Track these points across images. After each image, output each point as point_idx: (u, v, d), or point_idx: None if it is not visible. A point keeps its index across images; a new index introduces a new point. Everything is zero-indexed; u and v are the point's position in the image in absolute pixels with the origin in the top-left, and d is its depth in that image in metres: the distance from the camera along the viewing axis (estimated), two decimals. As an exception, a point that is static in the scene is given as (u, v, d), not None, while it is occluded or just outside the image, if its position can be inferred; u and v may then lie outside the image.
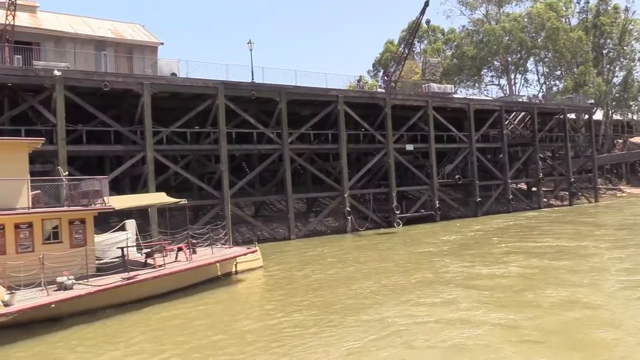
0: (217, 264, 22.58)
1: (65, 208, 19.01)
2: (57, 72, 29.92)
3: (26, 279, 16.73)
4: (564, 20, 75.13)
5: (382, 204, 46.51)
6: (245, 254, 24.07)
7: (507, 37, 73.58)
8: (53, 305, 15.73)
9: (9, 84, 29.82)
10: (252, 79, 38.64)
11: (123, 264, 20.03)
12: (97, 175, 29.03)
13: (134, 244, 24.76)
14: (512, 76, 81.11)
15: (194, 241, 23.17)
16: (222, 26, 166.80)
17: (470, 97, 63.95)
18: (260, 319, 16.77)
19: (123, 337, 15.21)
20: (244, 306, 19.18)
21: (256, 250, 24.89)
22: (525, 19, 74.96)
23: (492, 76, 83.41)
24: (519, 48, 75.27)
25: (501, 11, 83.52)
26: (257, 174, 40.68)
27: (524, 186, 62.54)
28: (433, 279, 21.27)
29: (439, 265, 24.21)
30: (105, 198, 19.59)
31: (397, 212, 43.45)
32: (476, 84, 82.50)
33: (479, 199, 49.73)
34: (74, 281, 17.01)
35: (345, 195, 41.07)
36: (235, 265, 23.99)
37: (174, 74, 35.18)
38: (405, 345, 13.14)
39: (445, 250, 28.74)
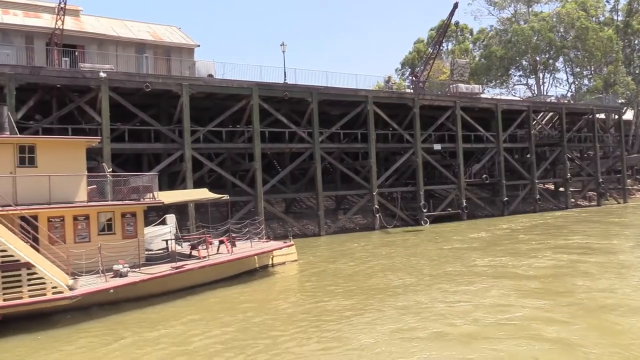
0: (256, 257, 23.86)
1: (119, 202, 20.46)
2: (102, 74, 31.58)
3: (84, 266, 18.20)
4: (593, 19, 74.56)
5: (409, 202, 47.36)
6: (281, 248, 25.30)
7: (536, 37, 73.42)
8: (112, 291, 17.17)
9: (58, 85, 31.57)
10: (285, 79, 39.91)
11: (167, 255, 21.49)
12: (135, 171, 30.80)
13: (174, 237, 26.23)
14: (541, 76, 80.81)
15: (234, 235, 24.44)
16: (256, 28, 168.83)
17: (498, 96, 64.09)
18: (300, 304, 18.01)
19: (178, 318, 16.54)
20: (283, 294, 20.42)
21: (292, 245, 26.12)
22: (554, 19, 74.67)
23: (520, 76, 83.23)
24: (547, 48, 75.05)
25: (530, 10, 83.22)
26: (288, 172, 41.89)
27: (551, 186, 62.56)
28: (464, 271, 22.24)
29: (469, 259, 25.15)
30: (155, 193, 20.99)
31: (425, 210, 44.23)
32: (504, 84, 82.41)
33: (506, 199, 50.15)
34: (128, 269, 18.43)
35: (374, 194, 42.05)
36: (272, 258, 25.26)
37: (210, 75, 36.61)
38: (445, 324, 14.32)
39: (475, 246, 29.58)
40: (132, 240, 20.26)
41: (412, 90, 50.18)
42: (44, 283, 15.91)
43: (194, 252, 21.83)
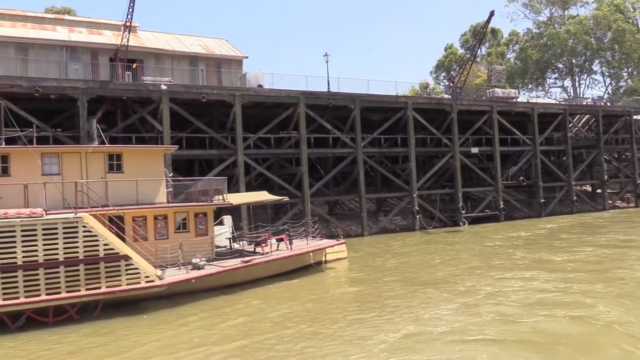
0: (311, 254, 26.01)
1: (192, 203, 22.88)
2: (163, 87, 34.31)
3: (164, 260, 20.65)
4: (630, 21, 74.56)
5: (447, 204, 48.88)
6: (333, 246, 27.40)
7: (572, 40, 73.88)
8: (193, 281, 19.55)
9: (124, 97, 34.43)
10: (328, 88, 42.06)
11: (232, 251, 23.85)
12: (187, 176, 33.29)
13: (230, 235, 28.62)
14: (577, 78, 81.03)
15: (290, 234, 26.65)
16: (298, 37, 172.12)
17: (534, 99, 64.92)
18: (358, 292, 20.13)
19: (251, 302, 18.90)
20: (341, 285, 22.67)
21: (344, 243, 28.19)
22: (591, 21, 74.96)
23: (555, 78, 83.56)
24: (583, 50, 75.36)
25: (565, 13, 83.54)
26: (328, 175, 43.96)
27: (588, 188, 62.97)
28: (509, 264, 24.11)
29: (512, 254, 26.96)
30: (225, 195, 23.36)
31: (463, 211, 45.70)
32: (540, 86, 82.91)
33: (543, 200, 51.14)
34: (205, 262, 20.80)
35: (414, 196, 43.78)
36: (325, 255, 27.38)
37: (260, 86, 39.05)
38: (499, 304, 16.39)
39: (516, 244, 31.23)
40: (204, 237, 22.66)
41: (449, 96, 51.72)
42: (138, 273, 18.38)
43: (258, 249, 24.08)
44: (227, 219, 30.68)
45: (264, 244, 24.22)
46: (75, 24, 42.72)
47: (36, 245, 17.01)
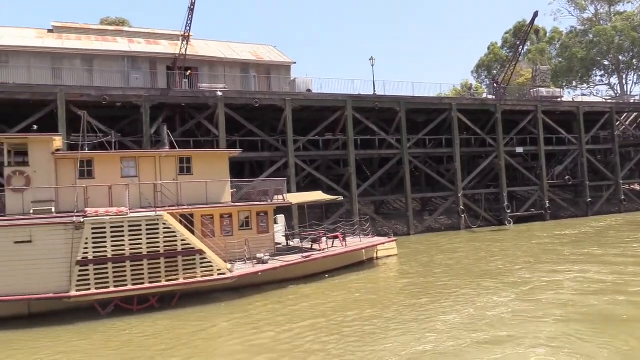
0: (363, 250, 27.34)
1: (255, 202, 24.57)
2: (219, 93, 36.26)
3: (231, 255, 22.37)
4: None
5: (492, 203, 49.32)
6: (384, 243, 28.65)
7: (619, 37, 72.76)
8: (260, 274, 21.17)
9: (183, 104, 36.55)
10: (374, 91, 43.31)
11: (289, 248, 25.40)
12: (237, 177, 35.06)
13: (284, 233, 30.23)
14: (624, 75, 79.62)
15: (344, 231, 28.05)
16: (341, 41, 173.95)
17: (579, 97, 64.35)
18: (413, 283, 21.42)
19: (312, 293, 20.36)
20: (396, 277, 24.05)
21: (395, 240, 29.42)
22: (639, 17, 73.64)
23: (601, 75, 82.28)
24: (631, 47, 74.09)
25: (611, 10, 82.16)
26: (377, 176, 45.15)
27: (637, 187, 62.04)
28: (559, 259, 25.11)
29: (561, 250, 27.76)
30: (285, 195, 24.96)
31: (508, 211, 46.12)
32: (585, 84, 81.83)
33: (590, 200, 50.94)
34: (268, 257, 22.42)
35: (459, 195, 44.52)
36: (376, 252, 28.65)
37: (309, 90, 40.61)
38: (555, 292, 17.62)
39: (564, 241, 31.85)
40: (266, 234, 24.31)
41: (492, 96, 52.11)
42: (211, 266, 20.11)
43: (315, 246, 25.58)
44: (281, 218, 32.35)
45: (320, 241, 25.69)
46: (133, 35, 45.29)
47: (123, 240, 18.94)
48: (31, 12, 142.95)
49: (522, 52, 54.11)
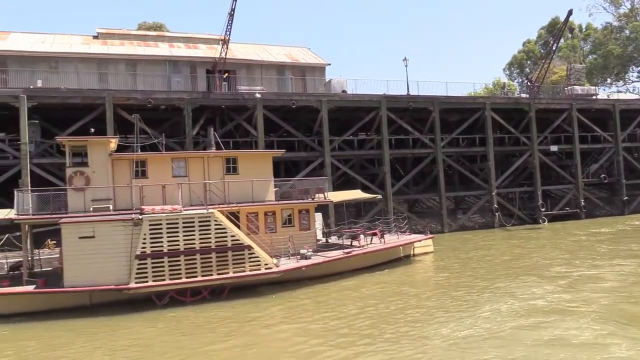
0: (401, 247, 28.11)
1: (297, 201, 25.59)
2: (258, 95, 37.44)
3: (275, 251, 23.43)
4: None
5: (526, 202, 49.34)
6: (420, 240, 29.36)
7: (656, 33, 71.53)
8: (304, 268, 22.18)
9: (222, 106, 37.85)
10: (408, 91, 43.92)
11: (331, 244, 26.32)
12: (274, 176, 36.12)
13: (322, 231, 31.20)
14: (661, 72, 78.13)
15: (382, 229, 28.86)
16: (374, 39, 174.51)
17: (615, 95, 63.56)
18: (452, 277, 22.18)
19: (355, 286, 21.29)
20: (435, 271, 24.89)
21: (432, 237, 30.11)
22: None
23: (638, 72, 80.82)
24: (669, 42, 72.75)
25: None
26: (411, 175, 45.76)
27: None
28: (597, 255, 25.55)
29: (599, 247, 28.07)
30: (326, 193, 25.93)
31: (543, 209, 46.16)
32: (621, 81, 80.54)
33: (626, 198, 50.50)
34: (311, 253, 23.42)
35: (493, 194, 44.80)
36: (413, 249, 29.37)
37: (344, 91, 41.50)
38: (596, 284, 18.49)
39: (601, 239, 32.05)
40: (307, 231, 25.32)
41: (525, 95, 52.08)
42: (259, 261, 21.20)
43: (354, 242, 26.48)
44: (318, 216, 33.30)
45: (359, 238, 26.58)
46: (173, 40, 46.91)
47: (178, 236, 20.17)
48: (72, 18, 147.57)
49: (555, 49, 53.66)
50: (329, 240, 29.34)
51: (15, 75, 39.08)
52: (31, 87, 34.79)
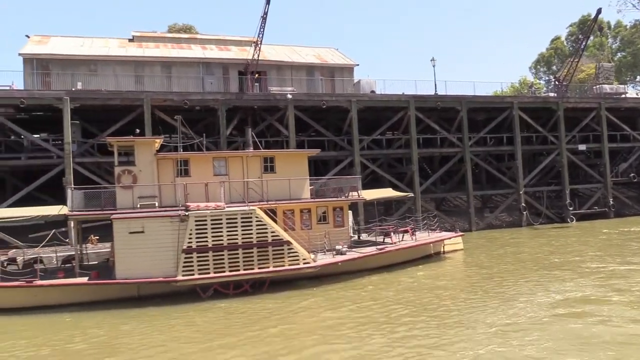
0: (431, 244, 28.80)
1: (331, 199, 26.49)
2: (289, 96, 38.43)
3: (314, 246, 24.35)
4: None
5: (554, 201, 49.44)
6: (450, 238, 30.00)
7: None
8: (340, 264, 23.06)
9: (255, 107, 38.93)
10: (435, 91, 44.46)
11: (363, 240, 27.15)
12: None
13: (353, 228, 32.01)
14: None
15: (412, 226, 29.60)
16: (402, 41, 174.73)
17: (644, 93, 63.12)
18: (485, 272, 22.88)
19: (391, 281, 22.13)
20: (468, 267, 25.52)
21: (462, 235, 30.72)
22: None
23: (670, 69, 79.79)
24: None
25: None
26: (438, 173, 46.30)
27: None
28: (629, 252, 25.83)
29: (629, 244, 28.34)
30: (359, 191, 26.77)
31: (571, 208, 46.25)
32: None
33: (656, 197, 50.24)
34: (346, 249, 24.30)
35: (521, 192, 45.08)
36: (443, 247, 30.02)
37: (373, 91, 42.24)
38: (628, 278, 18.97)
39: (632, 237, 32.25)
40: (341, 228, 26.20)
41: (553, 94, 52.08)
42: (297, 256, 22.16)
43: (387, 239, 27.27)
44: (349, 214, 34.20)
45: (391, 235, 27.36)
46: (205, 42, 48.20)
47: (221, 231, 21.24)
48: (104, 21, 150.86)
49: (584, 47, 53.52)
50: (361, 237, 30.15)
51: (56, 78, 40.78)
52: (73, 89, 36.29)
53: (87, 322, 18.07)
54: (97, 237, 31.85)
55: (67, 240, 32.38)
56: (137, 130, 27.95)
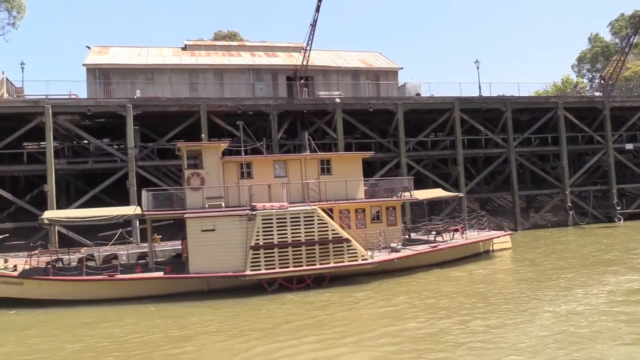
0: (481, 243, 29.67)
1: (384, 199, 27.71)
2: (337, 100, 39.79)
3: (371, 244, 25.63)
4: None
5: (600, 200, 49.25)
6: (499, 236, 30.79)
7: None
8: (395, 260, 24.27)
9: (304, 111, 40.47)
10: (480, 92, 45.10)
11: (415, 239, 28.24)
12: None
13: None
14: None
15: (462, 226, 30.52)
16: (445, 44, 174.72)
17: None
18: (538, 269, 23.74)
19: (452, 277, 23.26)
20: (519, 264, 26.37)
21: (511, 234, 31.49)
22: None
23: None
24: None
25: None
26: (483, 174, 46.87)
27: None
28: None
29: None
30: (412, 192, 27.93)
31: (618, 208, 46.11)
32: None
33: None
34: (401, 246, 25.48)
35: (567, 192, 45.24)
36: (492, 245, 30.83)
37: (418, 94, 43.21)
38: None
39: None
40: (394, 227, 27.39)
41: (598, 93, 51.88)
42: (356, 253, 23.48)
43: (438, 237, 28.32)
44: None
45: (442, 234, 28.40)
46: (254, 49, 50.09)
47: (286, 229, 22.74)
48: (153, 30, 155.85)
49: (631, 43, 53.00)
50: (411, 236, 31.23)
51: (117, 86, 43.25)
52: (135, 97, 38.54)
53: (170, 312, 19.80)
54: (160, 237, 33.93)
55: (131, 239, 34.66)
56: (202, 136, 29.72)
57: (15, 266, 23.94)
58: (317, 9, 39.51)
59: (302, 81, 45.30)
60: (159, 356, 14.47)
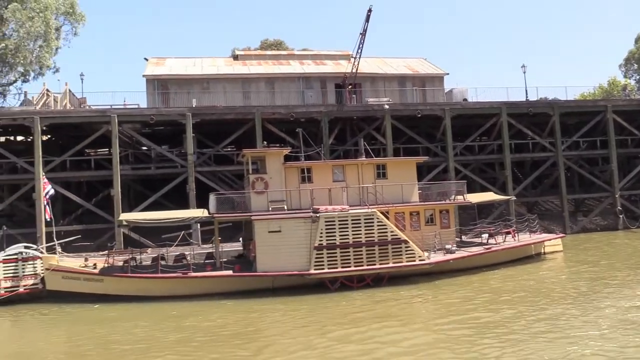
0: (532, 245, 30.28)
1: (438, 202, 28.71)
2: (386, 106, 40.95)
3: (426, 245, 26.66)
4: None
5: (650, 204, 48.73)
6: (551, 239, 31.31)
7: None
8: (451, 261, 25.26)
9: (354, 117, 41.76)
10: (526, 97, 45.49)
11: (468, 241, 29.09)
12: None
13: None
14: None
15: (514, 228, 31.19)
16: (493, 51, 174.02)
17: None
18: (595, 272, 24.38)
19: (509, 276, 24.11)
20: (574, 266, 26.99)
21: (562, 237, 31.97)
22: None
23: None
24: None
25: None
26: (530, 178, 47.09)
27: None
28: None
29: None
30: (464, 196, 28.85)
31: (671, 211, 45.60)
32: None
33: None
34: (455, 248, 26.43)
35: (617, 196, 45.08)
36: (544, 248, 31.36)
37: (465, 99, 43.94)
38: None
39: None
40: (448, 229, 28.34)
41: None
42: (414, 254, 24.59)
43: (491, 240, 29.11)
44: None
45: (495, 236, 29.18)
46: (302, 58, 51.73)
47: (347, 231, 24.05)
48: (202, 40, 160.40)
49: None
50: (463, 238, 32.06)
51: (174, 96, 45.51)
52: (194, 105, 40.61)
53: (242, 307, 21.36)
54: (220, 238, 35.72)
55: (191, 241, 36.60)
56: (264, 142, 31.31)
57: (95, 264, 25.98)
58: (367, 19, 40.79)
59: (349, 88, 46.60)
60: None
